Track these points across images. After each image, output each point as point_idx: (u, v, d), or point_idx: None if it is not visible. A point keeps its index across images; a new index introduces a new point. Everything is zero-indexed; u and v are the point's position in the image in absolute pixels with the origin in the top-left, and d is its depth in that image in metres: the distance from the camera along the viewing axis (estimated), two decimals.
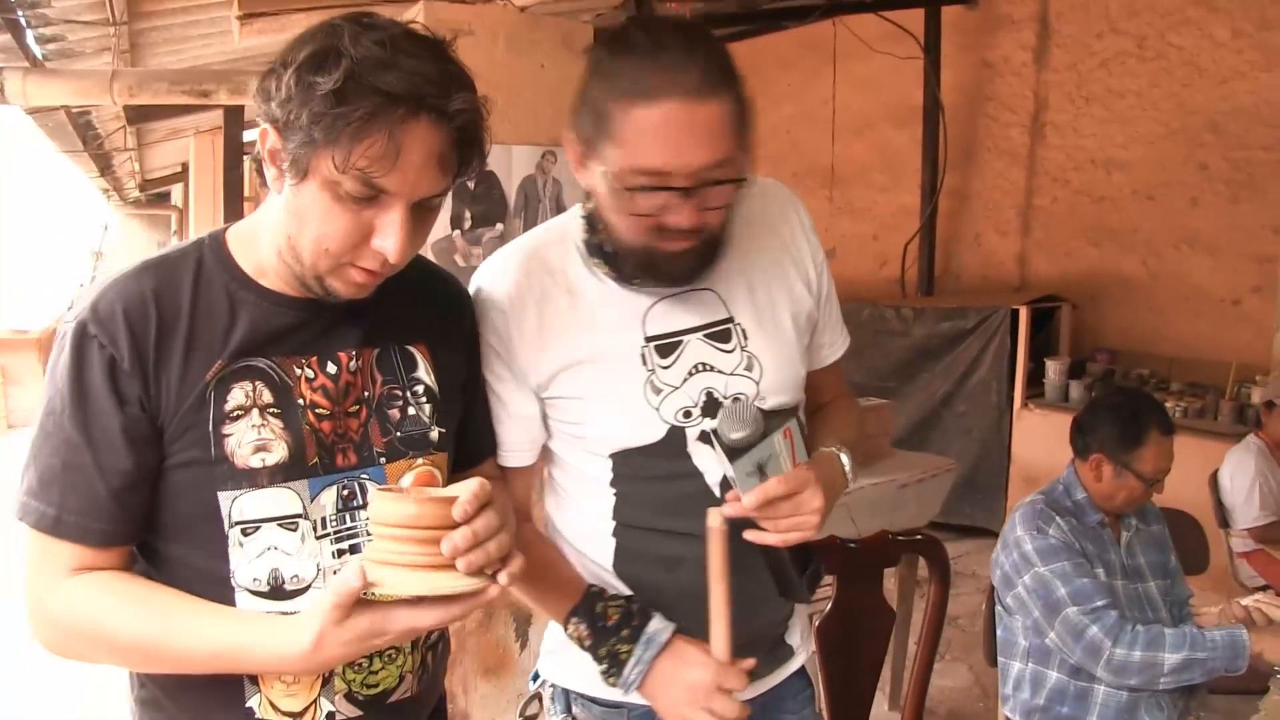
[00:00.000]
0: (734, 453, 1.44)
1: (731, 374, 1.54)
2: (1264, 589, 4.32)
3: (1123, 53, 6.80)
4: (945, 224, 7.75)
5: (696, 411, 1.52)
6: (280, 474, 1.32)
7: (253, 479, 1.30)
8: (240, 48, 5.03)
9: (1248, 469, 4.59)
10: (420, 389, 1.45)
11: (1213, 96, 6.37)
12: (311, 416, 1.34)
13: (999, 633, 2.83)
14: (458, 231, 3.33)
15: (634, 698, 1.60)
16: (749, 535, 1.45)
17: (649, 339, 1.52)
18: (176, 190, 14.21)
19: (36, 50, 4.50)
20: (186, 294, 1.30)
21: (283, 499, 1.32)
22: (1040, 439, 6.10)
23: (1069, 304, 6.89)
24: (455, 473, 1.50)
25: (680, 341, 1.53)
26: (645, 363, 1.52)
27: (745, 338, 1.56)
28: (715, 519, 1.33)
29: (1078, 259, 7.14)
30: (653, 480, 1.55)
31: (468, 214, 3.33)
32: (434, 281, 1.53)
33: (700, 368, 1.53)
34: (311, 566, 1.34)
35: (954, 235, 7.85)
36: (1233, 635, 2.38)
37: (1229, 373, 5.96)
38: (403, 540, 1.16)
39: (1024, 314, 6.35)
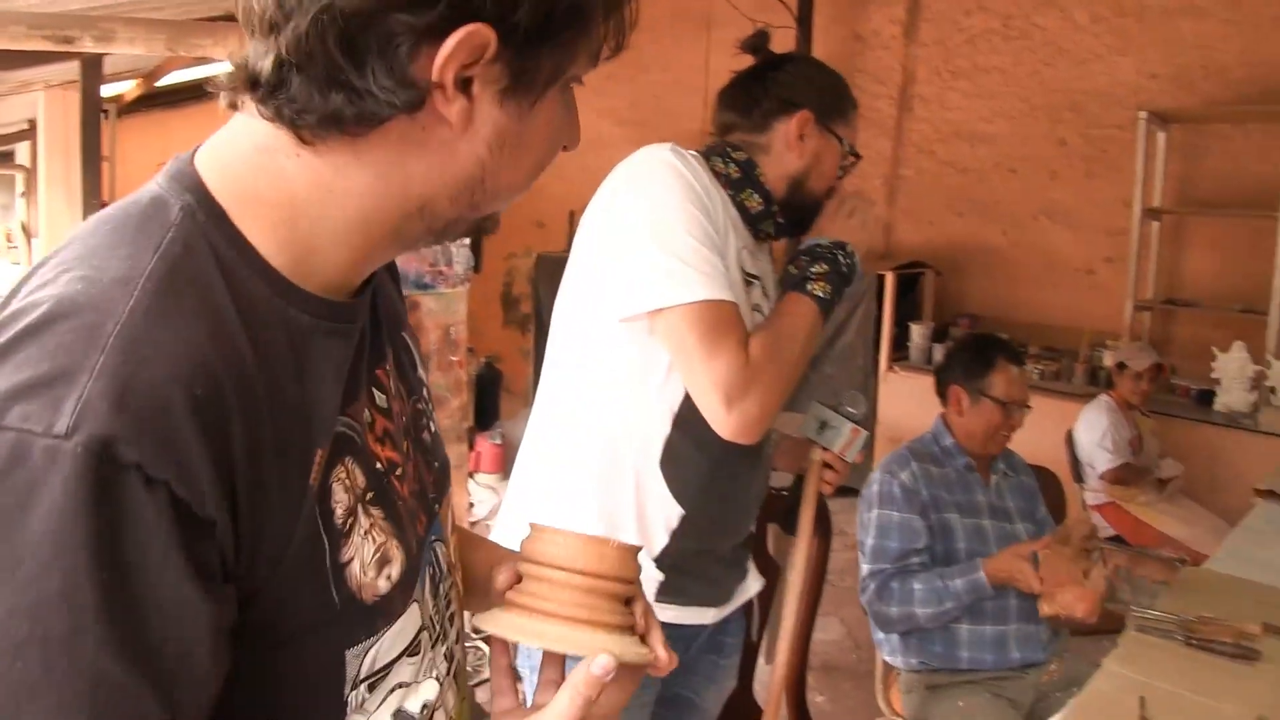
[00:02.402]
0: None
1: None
2: (1115, 539, 4.58)
3: (989, 30, 7.00)
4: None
5: None
6: (409, 585, 0.87)
7: (387, 612, 0.84)
8: None
9: (1099, 422, 4.84)
10: (424, 393, 1.04)
11: (1072, 76, 6.62)
12: (394, 483, 0.88)
13: None
14: None
15: None
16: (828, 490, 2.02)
17: (742, 270, 1.75)
18: (22, 149, 13.58)
19: None
20: (241, 332, 0.71)
21: (411, 620, 0.88)
22: (905, 400, 6.29)
23: (933, 271, 7.10)
24: None
25: (753, 283, 1.79)
26: (742, 284, 1.74)
27: (769, 300, 1.86)
28: (818, 454, 1.82)
29: (942, 228, 7.36)
30: None
31: None
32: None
33: (757, 309, 1.79)
34: (433, 687, 0.92)
35: None
36: (970, 581, 2.62)
37: (1083, 337, 6.24)
38: (600, 596, 0.89)
39: (890, 280, 6.52)
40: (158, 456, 0.63)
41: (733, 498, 1.82)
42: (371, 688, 0.84)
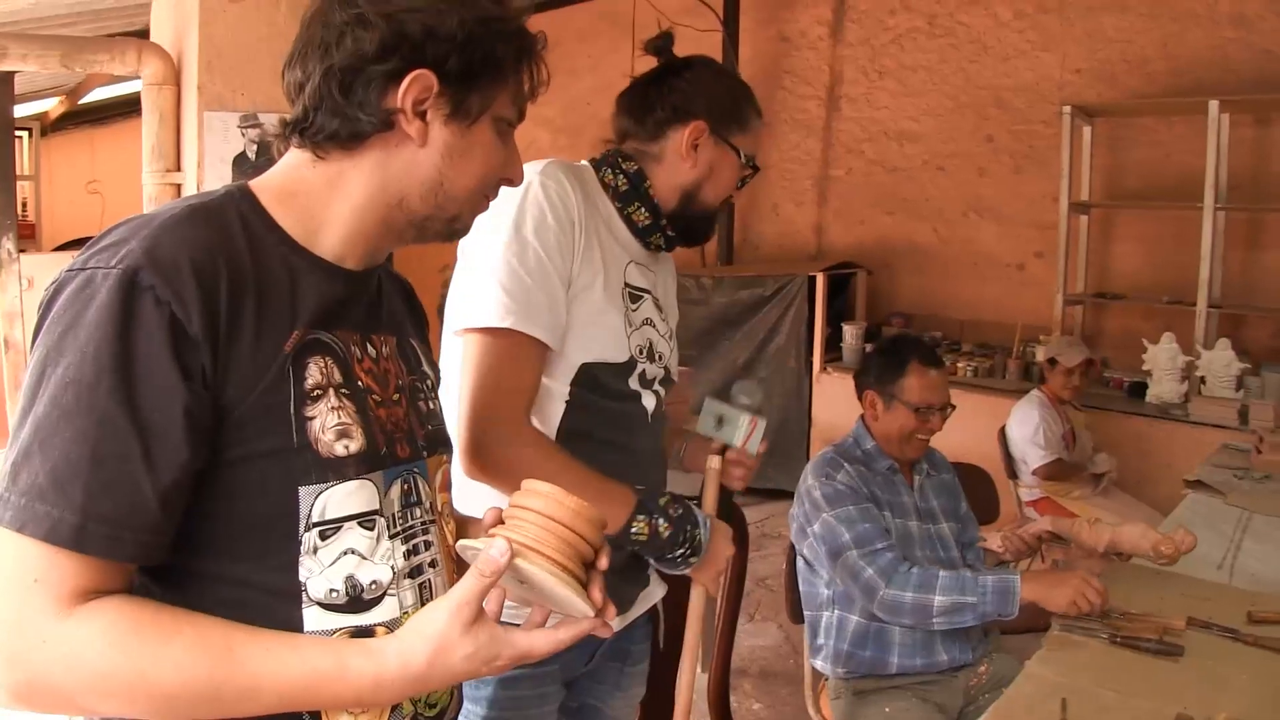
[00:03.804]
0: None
1: (662, 337, 1.86)
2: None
3: (914, 29, 7.01)
4: (743, 194, 7.70)
5: (644, 352, 1.80)
6: (364, 464, 1.15)
7: (339, 470, 1.12)
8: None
9: (1031, 418, 4.81)
10: (428, 384, 1.37)
11: (998, 73, 6.65)
12: (371, 401, 1.19)
13: (801, 587, 2.87)
14: None
15: None
16: (739, 486, 1.97)
17: (627, 285, 1.79)
18: None
19: None
20: (243, 248, 1.09)
21: (364, 494, 1.15)
22: (839, 401, 6.25)
23: (864, 270, 7.10)
24: None
25: (642, 297, 1.82)
26: (625, 301, 1.77)
27: (667, 318, 1.91)
28: (715, 461, 1.71)
29: (872, 227, 7.35)
30: (603, 395, 1.75)
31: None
32: (402, 280, 1.46)
33: (647, 322, 1.82)
34: (386, 570, 1.17)
35: (751, 205, 7.97)
36: (1003, 581, 2.44)
37: (1015, 333, 6.24)
38: (559, 538, 1.10)
39: (821, 281, 6.50)
40: (165, 287, 1.00)
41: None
42: (324, 537, 1.12)
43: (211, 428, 1.03)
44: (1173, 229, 5.93)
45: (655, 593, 1.98)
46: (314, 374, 1.12)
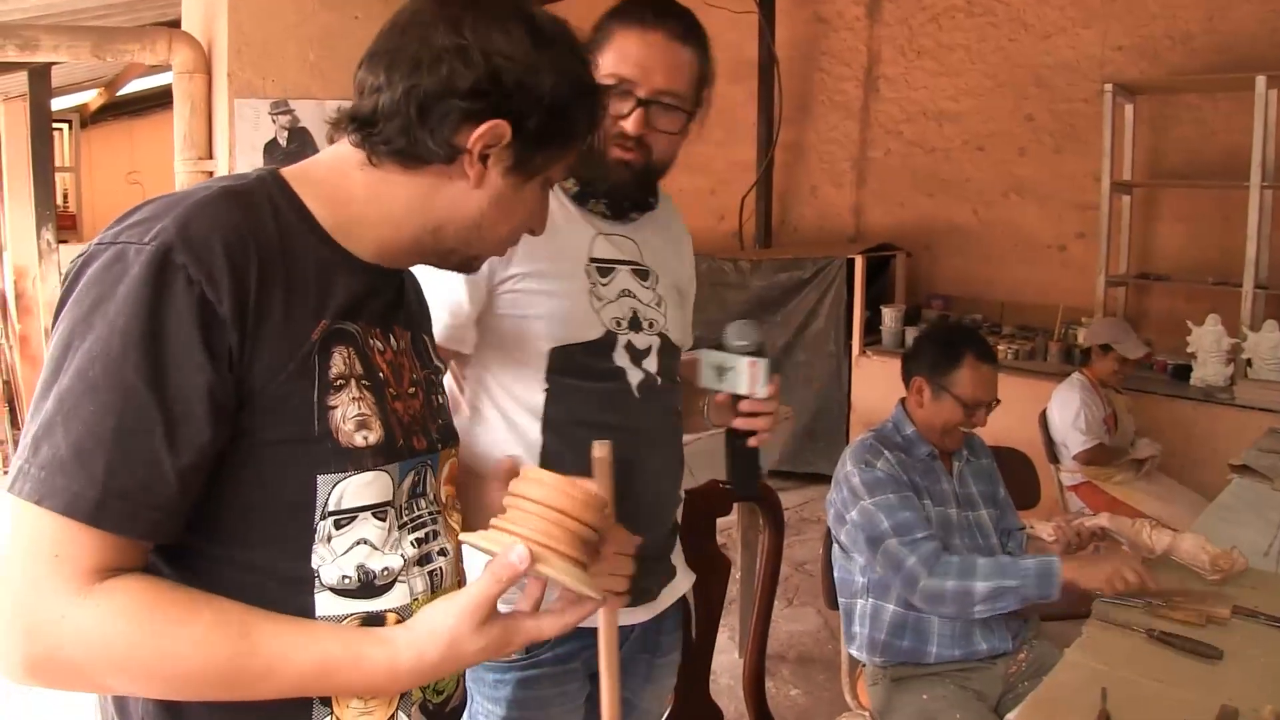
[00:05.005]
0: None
1: (648, 305, 1.82)
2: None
3: (952, 8, 6.92)
4: (781, 177, 7.80)
5: (625, 323, 1.77)
6: (381, 456, 1.16)
7: (357, 460, 1.14)
8: (33, 4, 4.71)
9: (1072, 402, 4.73)
10: (439, 378, 1.40)
11: (1037, 51, 6.54)
12: (390, 393, 1.21)
13: (836, 574, 2.85)
14: None
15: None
16: (756, 440, 1.78)
17: (593, 260, 1.76)
18: None
19: None
20: (274, 234, 1.10)
21: (379, 485, 1.17)
22: (878, 385, 6.20)
23: (903, 253, 7.03)
24: None
25: (614, 269, 1.79)
26: (589, 277, 1.75)
27: (657, 282, 1.85)
28: (601, 450, 1.37)
29: (911, 209, 7.27)
30: (584, 375, 1.73)
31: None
32: (412, 275, 1.45)
33: (627, 293, 1.79)
34: (397, 559, 1.19)
35: (790, 188, 7.90)
36: (1044, 563, 2.42)
37: (1057, 315, 6.15)
38: (568, 531, 1.12)
39: (860, 263, 6.44)
40: (197, 267, 1.01)
41: (625, 499, 1.73)
42: (338, 526, 1.13)
43: (234, 411, 1.05)
44: (1218, 208, 5.82)
45: (682, 584, 1.96)
46: (337, 364, 1.13)
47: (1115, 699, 1.80)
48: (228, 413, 1.04)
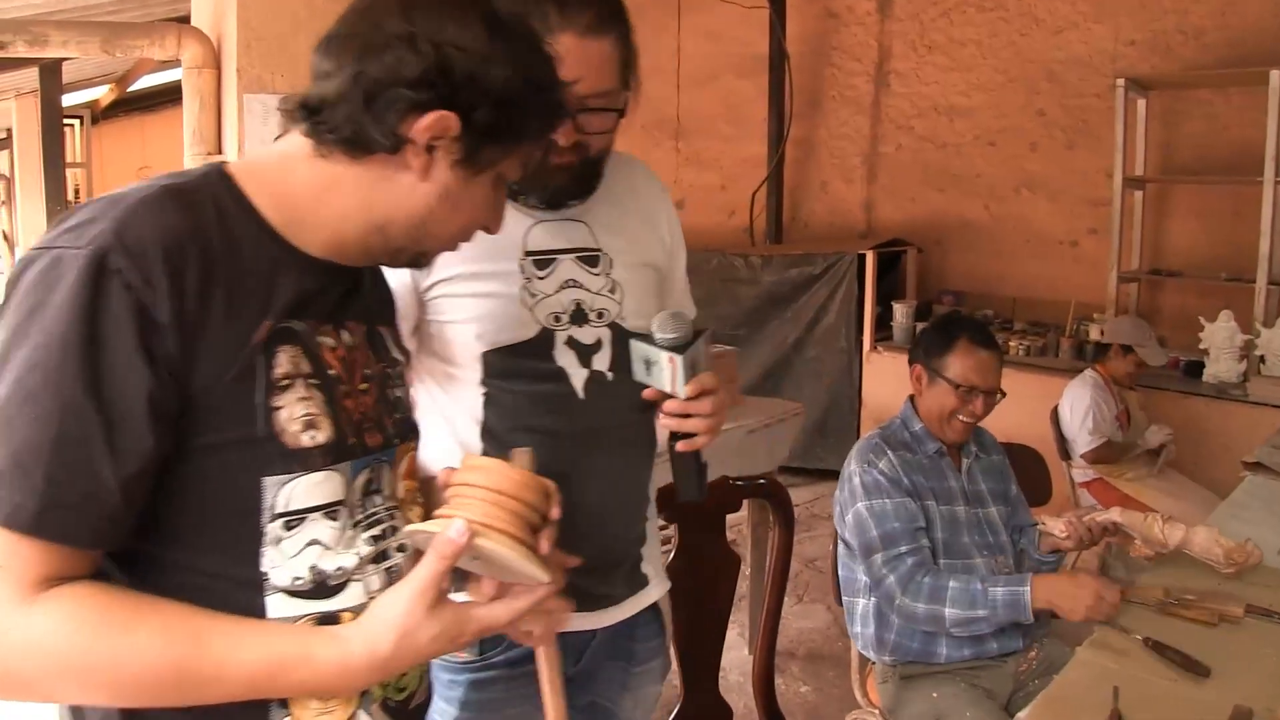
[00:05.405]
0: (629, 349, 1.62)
1: (597, 293, 1.70)
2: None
3: (963, 2, 6.90)
4: (792, 172, 7.78)
5: (566, 318, 1.66)
6: (331, 455, 1.14)
7: (305, 461, 1.11)
8: None
9: (1084, 398, 4.71)
10: (398, 370, 1.35)
11: (1049, 45, 6.52)
12: (341, 391, 1.18)
13: (841, 571, 2.84)
14: None
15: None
16: (683, 445, 1.59)
17: (528, 253, 1.66)
18: (3, 157, 13.42)
19: None
20: (217, 234, 1.07)
21: (330, 484, 1.15)
22: (889, 380, 6.19)
23: (914, 248, 7.01)
24: None
25: (555, 259, 1.68)
26: (523, 272, 1.65)
27: (611, 266, 1.72)
28: (520, 459, 1.27)
29: (922, 204, 7.25)
30: (521, 379, 1.65)
31: None
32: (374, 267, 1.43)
33: (571, 283, 1.68)
34: (351, 558, 1.17)
35: (801, 183, 7.89)
36: (1013, 592, 2.41)
37: (1068, 311, 6.13)
38: (509, 511, 1.13)
39: (870, 259, 6.43)
40: (134, 271, 0.99)
41: (565, 506, 1.64)
42: (289, 527, 1.11)
43: (177, 415, 1.03)
44: (1231, 204, 5.79)
45: (651, 592, 1.86)
46: (283, 363, 1.11)
47: (1127, 698, 1.79)
48: (170, 418, 1.02)
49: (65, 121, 8.90)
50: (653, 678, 1.94)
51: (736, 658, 3.99)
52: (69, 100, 8.70)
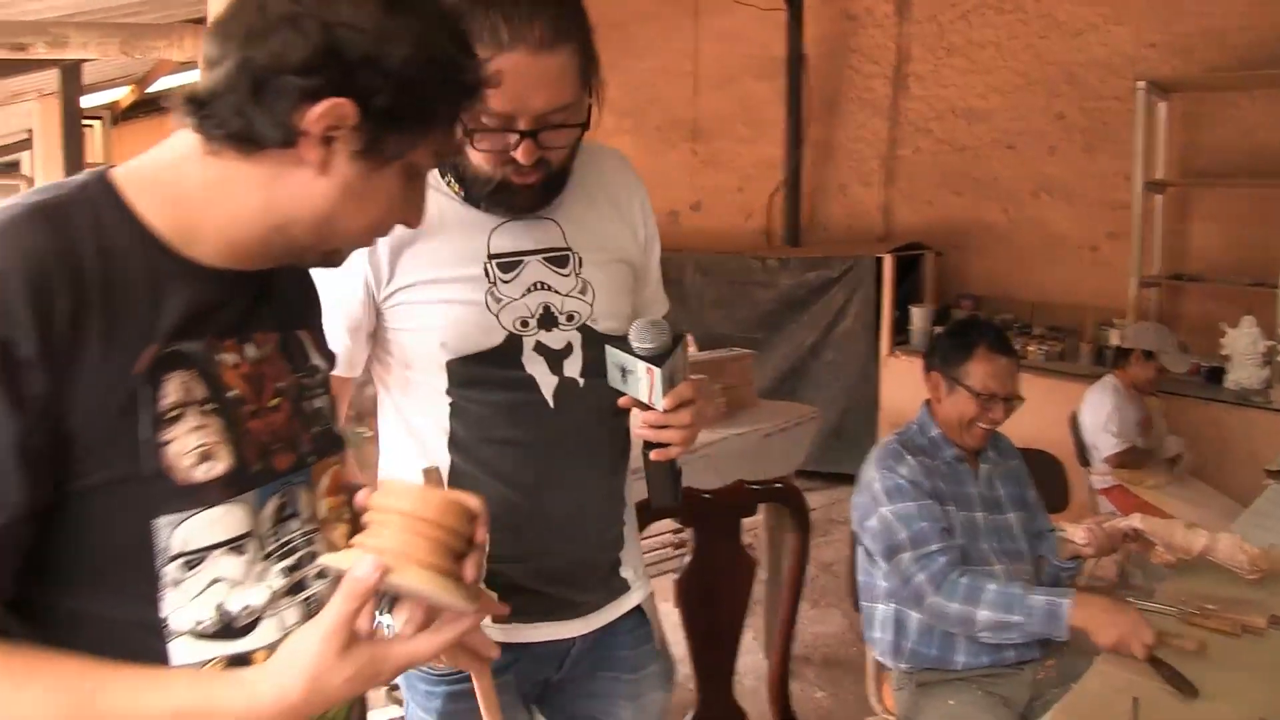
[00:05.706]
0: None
1: (567, 295, 1.65)
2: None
3: (982, 5, 6.86)
4: (810, 175, 7.76)
5: (534, 323, 1.62)
6: (232, 486, 1.05)
7: (201, 497, 1.03)
8: (66, 1, 4.74)
9: (1104, 404, 4.68)
10: (318, 378, 1.24)
11: (1068, 48, 6.48)
12: (245, 412, 1.09)
13: (859, 577, 2.81)
14: None
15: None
16: (657, 455, 1.55)
17: (492, 256, 1.61)
18: (26, 158, 13.46)
19: None
20: (92, 255, 0.97)
21: (232, 518, 1.06)
22: (907, 385, 6.13)
23: (933, 252, 6.98)
24: None
25: (521, 261, 1.62)
26: (488, 276, 1.60)
27: (580, 266, 1.67)
28: (429, 472, 1.22)
29: (940, 207, 7.22)
30: (488, 388, 1.61)
31: None
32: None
33: (539, 286, 1.63)
34: (263, 592, 1.09)
35: (819, 186, 7.86)
36: (1054, 604, 2.35)
37: (1088, 316, 6.08)
38: (428, 539, 1.03)
39: (889, 262, 6.40)
40: None
41: (535, 518, 1.64)
42: (190, 566, 1.03)
43: (53, 458, 0.95)
44: (1253, 208, 5.74)
45: (631, 597, 1.82)
46: (171, 392, 1.01)
47: (1147, 710, 1.76)
48: (45, 462, 0.94)
49: (85, 123, 8.92)
50: (653, 683, 1.88)
51: (752, 662, 3.97)
52: (89, 102, 8.72)
